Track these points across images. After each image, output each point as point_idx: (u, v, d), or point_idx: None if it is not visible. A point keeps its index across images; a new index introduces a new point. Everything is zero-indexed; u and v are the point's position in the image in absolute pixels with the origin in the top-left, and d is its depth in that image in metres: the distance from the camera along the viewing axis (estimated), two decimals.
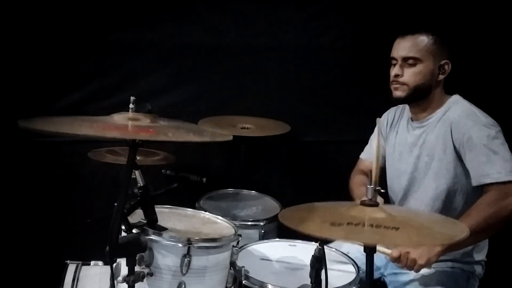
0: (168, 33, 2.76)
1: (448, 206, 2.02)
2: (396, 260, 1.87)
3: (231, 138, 1.64)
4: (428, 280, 2.00)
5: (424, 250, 1.84)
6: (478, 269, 2.10)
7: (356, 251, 1.98)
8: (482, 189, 1.92)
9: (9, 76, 2.63)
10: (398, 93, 2.08)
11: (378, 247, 1.57)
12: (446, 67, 2.05)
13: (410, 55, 2.03)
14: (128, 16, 2.70)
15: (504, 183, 1.87)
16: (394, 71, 2.07)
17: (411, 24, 2.10)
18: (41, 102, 2.67)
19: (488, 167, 1.89)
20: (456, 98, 2.09)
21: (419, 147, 2.10)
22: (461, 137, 1.95)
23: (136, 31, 2.74)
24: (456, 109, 2.04)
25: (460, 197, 2.00)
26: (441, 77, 2.06)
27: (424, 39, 2.03)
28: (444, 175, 2.01)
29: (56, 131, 1.42)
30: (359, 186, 2.25)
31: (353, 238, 1.45)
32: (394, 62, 2.08)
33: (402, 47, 2.06)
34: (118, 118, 1.58)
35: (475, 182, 1.93)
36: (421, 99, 2.08)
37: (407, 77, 2.04)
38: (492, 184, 1.88)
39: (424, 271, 2.01)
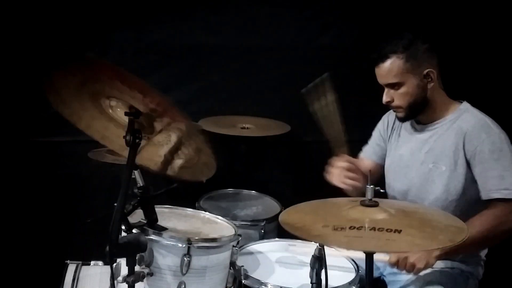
0: (168, 33, 2.77)
1: (457, 217, 2.00)
2: (395, 265, 1.88)
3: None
4: (428, 280, 2.00)
5: (423, 253, 1.84)
6: (478, 269, 2.10)
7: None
8: (489, 202, 1.92)
9: (9, 76, 2.63)
10: (399, 115, 2.10)
11: (375, 256, 1.56)
12: (431, 74, 2.01)
13: (389, 81, 2.02)
14: (128, 16, 2.71)
15: (511, 200, 1.88)
16: (384, 98, 2.07)
17: (398, 24, 2.07)
18: (41, 102, 2.66)
19: (498, 183, 1.89)
20: (466, 106, 2.06)
21: (424, 153, 2.07)
22: (473, 149, 1.94)
23: (136, 31, 2.74)
24: (469, 119, 2.00)
25: (469, 208, 1.98)
26: (430, 85, 2.02)
27: (394, 62, 1.99)
28: (454, 186, 1.99)
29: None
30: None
31: (356, 246, 1.44)
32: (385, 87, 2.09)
33: (380, 76, 2.05)
34: None
35: (484, 195, 1.93)
36: (423, 111, 2.07)
37: (397, 100, 2.04)
38: (499, 199, 1.89)
39: (424, 271, 2.02)
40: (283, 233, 2.26)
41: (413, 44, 2.00)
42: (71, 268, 1.99)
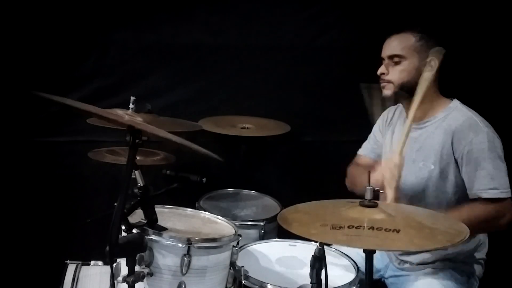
0: (168, 33, 2.77)
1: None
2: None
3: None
4: (428, 281, 2.00)
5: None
6: (478, 269, 2.10)
7: (356, 253, 1.98)
8: (478, 200, 1.92)
9: (9, 76, 2.63)
10: (385, 92, 2.10)
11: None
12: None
13: (394, 52, 2.05)
14: (128, 16, 2.71)
15: (499, 199, 1.88)
16: (380, 69, 2.09)
17: (398, 24, 2.11)
18: (41, 102, 2.67)
19: (487, 182, 1.89)
20: (456, 104, 2.06)
21: (415, 152, 2.07)
22: (461, 148, 1.94)
23: (136, 31, 2.74)
24: (458, 117, 2.01)
25: (461, 205, 1.98)
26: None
27: (408, 37, 2.04)
28: (445, 185, 2.00)
29: (62, 102, 1.41)
30: (361, 174, 2.22)
31: (355, 244, 1.44)
32: (383, 62, 2.10)
33: (388, 46, 2.08)
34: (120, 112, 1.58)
35: (471, 195, 1.93)
36: (410, 97, 2.07)
37: (392, 74, 2.06)
38: (488, 199, 1.89)
39: (424, 272, 2.02)
40: (283, 233, 2.26)
41: (428, 33, 2.06)
42: (71, 268, 1.99)
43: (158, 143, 2.54)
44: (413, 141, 2.09)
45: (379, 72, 2.09)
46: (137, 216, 1.68)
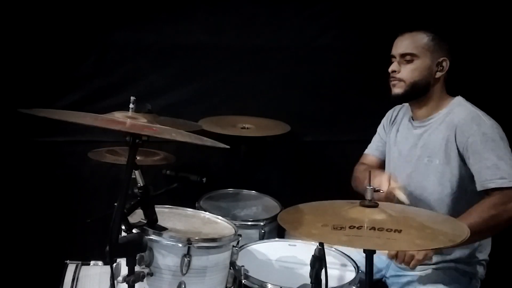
0: (168, 33, 2.76)
1: (453, 210, 2.00)
2: (394, 256, 1.88)
3: (228, 147, 1.64)
4: (431, 280, 2.00)
5: None
6: (480, 269, 2.10)
7: (356, 252, 1.98)
8: (486, 192, 1.92)
9: (9, 76, 2.63)
10: (396, 90, 2.09)
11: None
12: (444, 64, 2.05)
13: (407, 51, 2.05)
14: (128, 16, 2.71)
15: (508, 188, 1.87)
16: (392, 67, 2.09)
17: (411, 23, 2.11)
18: (41, 102, 2.67)
19: (492, 172, 1.89)
20: (459, 100, 2.08)
21: (419, 148, 2.09)
22: (465, 141, 1.95)
23: (136, 31, 2.74)
24: (460, 112, 2.02)
25: (465, 200, 1.99)
26: (439, 74, 2.05)
27: (422, 36, 2.05)
28: (449, 179, 2.00)
29: (60, 119, 1.41)
30: (364, 172, 2.21)
31: (356, 244, 1.44)
32: (393, 60, 2.10)
33: (400, 44, 2.08)
34: (119, 116, 1.57)
35: (479, 186, 1.93)
36: (419, 96, 2.08)
37: (404, 73, 2.05)
38: (496, 188, 1.88)
39: (426, 272, 2.02)
40: (283, 233, 2.27)
41: (442, 32, 2.07)
42: (71, 268, 1.99)
43: (158, 143, 2.55)
44: (417, 137, 2.10)
45: (390, 69, 2.09)
46: (137, 216, 1.68)
